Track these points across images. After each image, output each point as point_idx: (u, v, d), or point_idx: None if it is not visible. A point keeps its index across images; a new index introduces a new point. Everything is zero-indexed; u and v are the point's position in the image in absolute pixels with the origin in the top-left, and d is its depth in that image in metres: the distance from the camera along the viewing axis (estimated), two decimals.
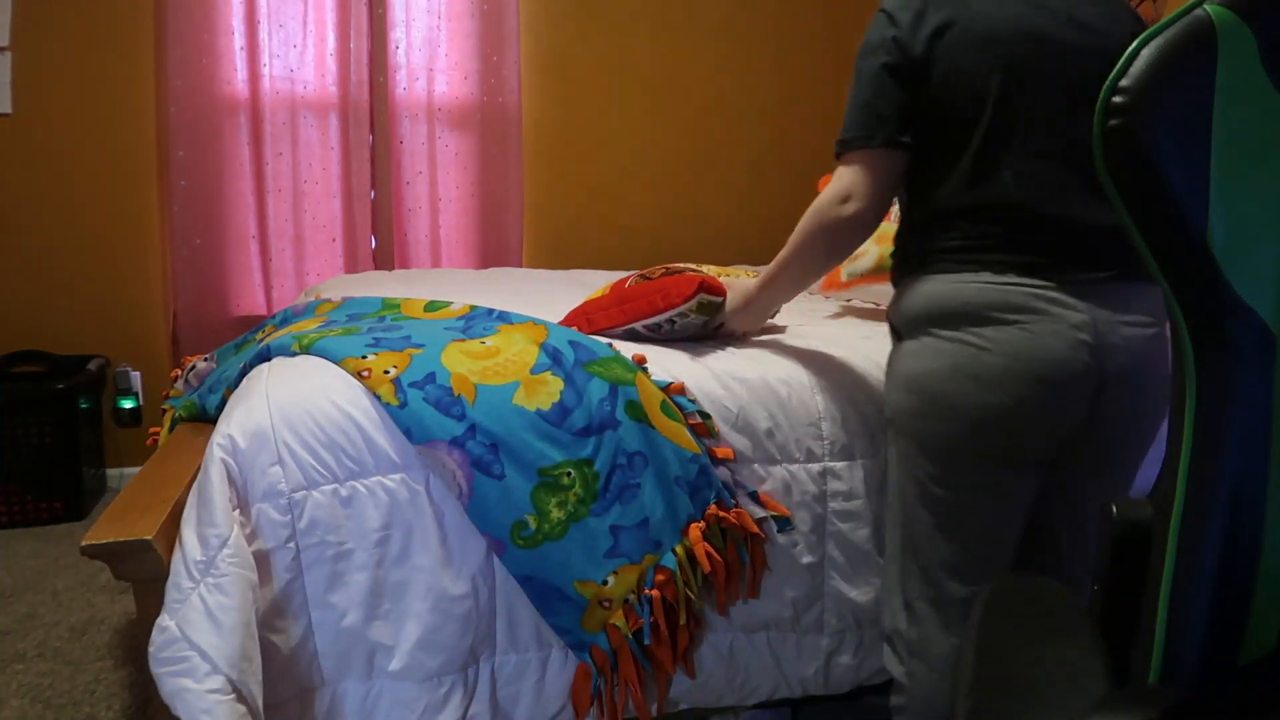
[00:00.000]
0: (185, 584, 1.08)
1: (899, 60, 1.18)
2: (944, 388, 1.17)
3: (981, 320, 1.14)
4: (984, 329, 1.14)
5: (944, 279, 1.19)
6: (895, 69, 1.18)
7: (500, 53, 3.08)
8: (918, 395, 1.20)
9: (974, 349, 1.14)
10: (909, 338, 1.23)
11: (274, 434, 1.20)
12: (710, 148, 3.50)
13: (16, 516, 2.57)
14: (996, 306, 1.13)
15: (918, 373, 1.20)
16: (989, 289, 1.15)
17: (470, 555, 1.25)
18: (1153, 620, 0.65)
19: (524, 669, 1.30)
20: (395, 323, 1.57)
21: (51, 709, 1.64)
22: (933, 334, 1.19)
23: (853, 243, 1.29)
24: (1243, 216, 0.61)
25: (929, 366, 1.19)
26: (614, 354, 1.39)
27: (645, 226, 3.45)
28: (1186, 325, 0.63)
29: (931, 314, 1.19)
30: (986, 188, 1.17)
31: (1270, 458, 0.63)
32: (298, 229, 2.94)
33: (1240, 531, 0.63)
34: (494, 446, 1.23)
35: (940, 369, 1.17)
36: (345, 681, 1.23)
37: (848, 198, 1.22)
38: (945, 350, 1.17)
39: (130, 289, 2.88)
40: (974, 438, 1.16)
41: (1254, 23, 0.60)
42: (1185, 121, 0.60)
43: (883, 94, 1.19)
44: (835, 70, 3.60)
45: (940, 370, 1.17)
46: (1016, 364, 1.12)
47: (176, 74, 2.73)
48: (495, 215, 3.16)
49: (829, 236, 1.27)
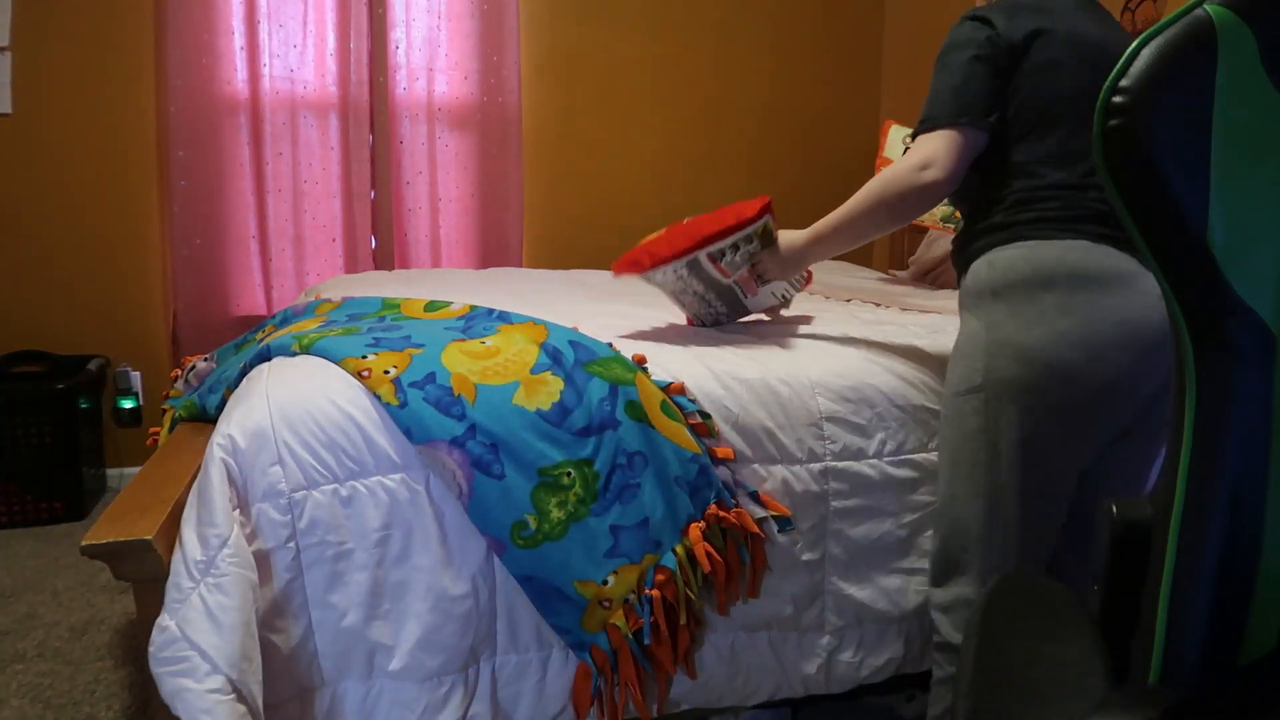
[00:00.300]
0: (185, 584, 1.08)
1: (992, 53, 1.31)
2: (1065, 356, 1.19)
3: (1087, 285, 1.18)
4: (1091, 294, 1.18)
5: (1045, 244, 1.24)
6: (988, 60, 1.31)
7: (500, 53, 3.08)
8: (1031, 364, 1.21)
9: (1088, 316, 1.18)
10: (1006, 304, 1.25)
11: (274, 434, 1.20)
12: (710, 148, 3.50)
13: (16, 516, 2.57)
14: (1099, 270, 1.19)
15: (1031, 342, 1.22)
16: (1093, 251, 1.20)
17: (470, 555, 1.25)
18: (1153, 620, 0.65)
19: (524, 669, 1.30)
20: (395, 323, 1.57)
21: (51, 709, 1.64)
22: (1039, 301, 1.21)
23: (920, 208, 1.36)
24: (1243, 216, 0.61)
25: (1045, 336, 1.21)
26: (614, 354, 1.39)
27: (645, 226, 3.42)
28: (1186, 325, 0.63)
29: (1039, 278, 1.22)
30: (1082, 166, 1.25)
31: (1270, 458, 0.63)
32: (298, 229, 2.94)
33: (1240, 531, 0.63)
34: (494, 446, 1.23)
35: (1058, 337, 1.19)
36: (345, 681, 1.23)
37: (927, 166, 1.30)
38: (1060, 317, 1.20)
39: (130, 289, 2.88)
40: (1091, 405, 1.20)
41: (1254, 23, 0.60)
42: (1185, 121, 0.60)
43: (973, 81, 1.31)
44: (835, 70, 3.61)
45: (1058, 339, 1.19)
46: (1124, 330, 1.17)
47: (176, 74, 2.73)
48: (495, 215, 3.16)
49: (900, 199, 1.34)
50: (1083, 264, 1.20)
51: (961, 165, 1.31)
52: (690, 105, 3.45)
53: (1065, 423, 1.22)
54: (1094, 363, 1.18)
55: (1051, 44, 1.30)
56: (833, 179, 3.67)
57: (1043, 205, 1.27)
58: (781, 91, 3.55)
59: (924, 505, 1.46)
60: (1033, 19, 1.32)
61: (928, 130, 1.33)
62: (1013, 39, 1.31)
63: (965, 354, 1.31)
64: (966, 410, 1.28)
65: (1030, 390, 1.21)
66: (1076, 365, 1.19)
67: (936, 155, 1.30)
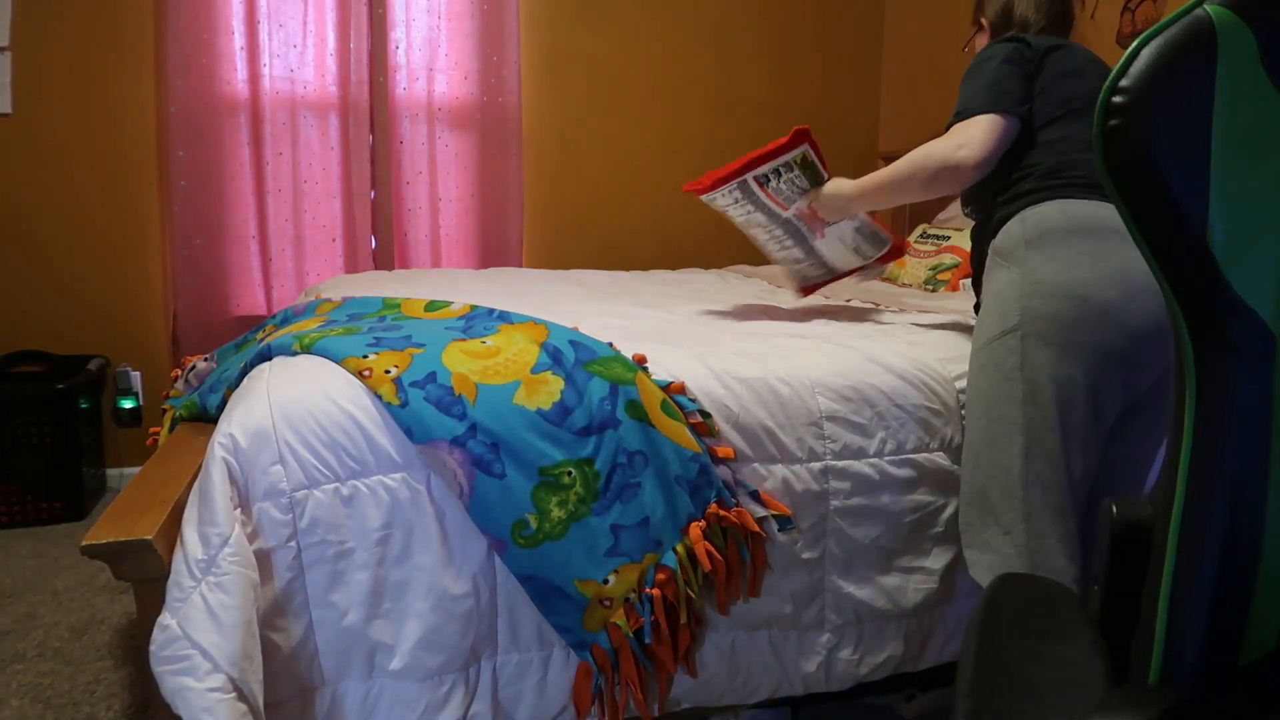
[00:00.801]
0: (187, 583, 1.08)
1: (1020, 58, 1.43)
2: (1104, 293, 1.22)
3: (1120, 237, 1.20)
4: (1124, 246, 1.20)
5: (1076, 202, 1.29)
6: (1017, 63, 1.43)
7: (500, 53, 3.08)
8: (1069, 300, 1.24)
9: (1123, 261, 1.21)
10: (1041, 251, 1.29)
11: (275, 433, 1.20)
12: (710, 147, 3.50)
13: (16, 516, 2.57)
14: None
15: (1070, 279, 1.24)
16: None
17: (471, 554, 1.25)
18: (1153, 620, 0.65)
19: (525, 668, 1.30)
20: (396, 322, 1.57)
21: (51, 709, 1.64)
22: (1075, 246, 1.25)
23: (952, 184, 1.45)
24: (1243, 216, 0.61)
25: (1084, 275, 1.23)
26: (614, 353, 1.39)
27: (645, 226, 3.45)
28: (1186, 325, 0.63)
29: (1073, 226, 1.27)
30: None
31: (1270, 458, 0.63)
32: (298, 229, 2.94)
33: (1240, 532, 0.63)
34: (495, 446, 1.23)
35: (1096, 277, 1.22)
36: (346, 680, 1.23)
37: (964, 145, 1.39)
38: (1097, 261, 1.23)
39: (130, 289, 2.88)
40: (1126, 346, 1.23)
41: (1254, 23, 0.60)
42: (1185, 121, 0.60)
43: (1004, 79, 1.41)
44: (834, 70, 3.61)
45: (1097, 278, 1.22)
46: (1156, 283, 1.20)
47: (176, 74, 2.73)
48: (495, 215, 3.16)
49: (933, 175, 1.44)
50: (1115, 219, 1.23)
51: (996, 150, 1.38)
52: (690, 105, 3.45)
53: (1101, 361, 1.24)
54: (1131, 301, 1.21)
55: (1073, 56, 1.45)
56: None
57: (1072, 174, 1.34)
58: (781, 91, 3.55)
59: (924, 505, 1.46)
60: (1055, 39, 1.47)
61: (963, 119, 1.41)
62: (1039, 48, 1.44)
63: (1000, 301, 1.33)
64: (1001, 352, 1.30)
65: (1069, 326, 1.24)
66: (1114, 303, 1.22)
67: (972, 137, 1.38)
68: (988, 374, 1.33)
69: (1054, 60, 1.43)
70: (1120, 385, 1.27)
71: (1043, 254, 1.28)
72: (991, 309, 1.35)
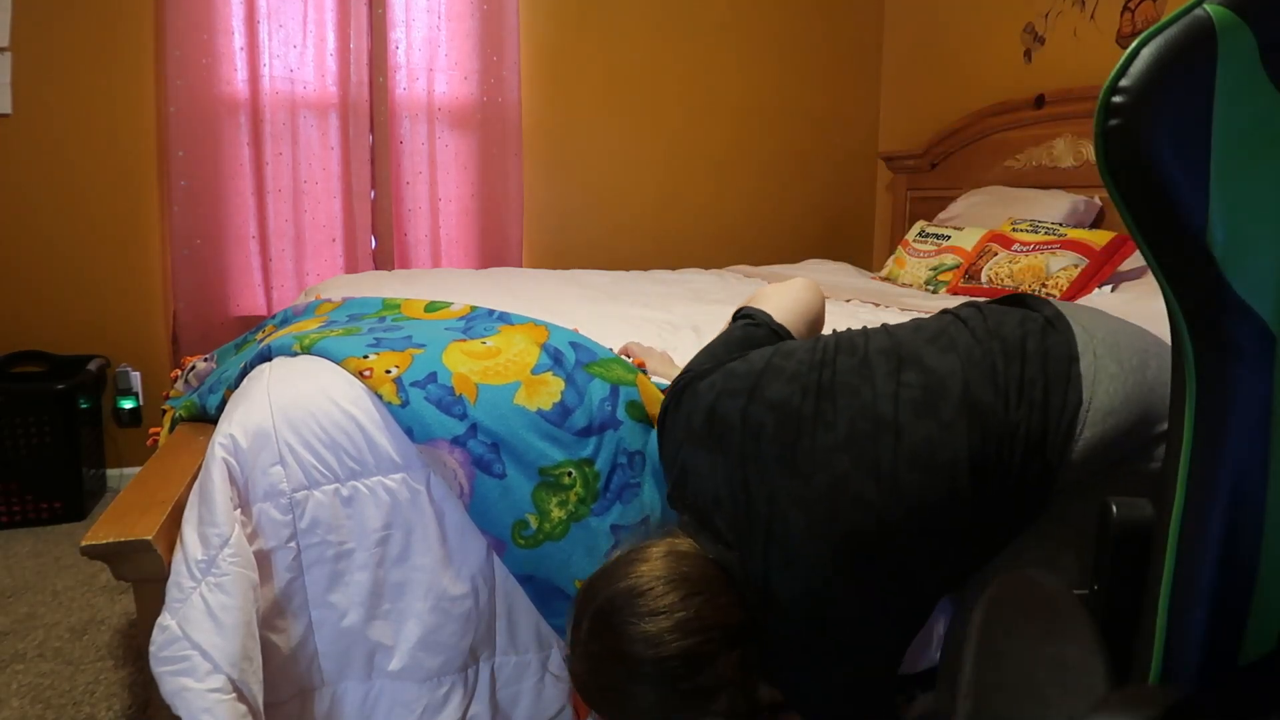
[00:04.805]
0: (186, 583, 1.08)
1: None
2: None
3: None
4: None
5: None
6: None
7: (500, 53, 3.08)
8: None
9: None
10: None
11: (275, 433, 1.20)
12: (710, 147, 3.51)
13: (16, 516, 2.57)
14: None
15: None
16: None
17: (470, 555, 1.25)
18: (1153, 620, 0.65)
19: (524, 669, 1.30)
20: (396, 323, 1.57)
21: (51, 709, 1.64)
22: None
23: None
24: (1243, 216, 0.61)
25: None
26: (614, 355, 1.40)
27: (645, 227, 3.46)
28: (1186, 325, 0.63)
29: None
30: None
31: (1270, 458, 0.63)
32: (298, 229, 2.94)
33: (1240, 531, 0.63)
34: (495, 446, 1.23)
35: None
36: (345, 681, 1.23)
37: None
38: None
39: (130, 289, 2.88)
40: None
41: (1254, 23, 0.60)
42: (1185, 121, 0.60)
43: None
44: (835, 70, 3.61)
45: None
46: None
47: (176, 74, 2.73)
48: (495, 215, 3.16)
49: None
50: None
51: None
52: (690, 105, 3.45)
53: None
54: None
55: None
56: (832, 178, 3.68)
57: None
58: (781, 91, 3.55)
59: None
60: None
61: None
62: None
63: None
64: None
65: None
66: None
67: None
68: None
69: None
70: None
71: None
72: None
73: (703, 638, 0.99)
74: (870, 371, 1.10)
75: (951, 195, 3.11)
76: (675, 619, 0.99)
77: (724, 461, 1.10)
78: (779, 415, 1.09)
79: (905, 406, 1.05)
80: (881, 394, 1.07)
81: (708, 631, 1.00)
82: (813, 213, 3.65)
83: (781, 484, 1.06)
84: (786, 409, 1.09)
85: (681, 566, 1.04)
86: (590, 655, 1.02)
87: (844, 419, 1.06)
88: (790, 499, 1.04)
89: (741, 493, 1.08)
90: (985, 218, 2.80)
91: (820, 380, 1.11)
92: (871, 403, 1.07)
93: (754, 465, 1.08)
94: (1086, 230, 2.39)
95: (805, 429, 1.07)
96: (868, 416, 1.06)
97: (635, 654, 0.98)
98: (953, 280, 2.60)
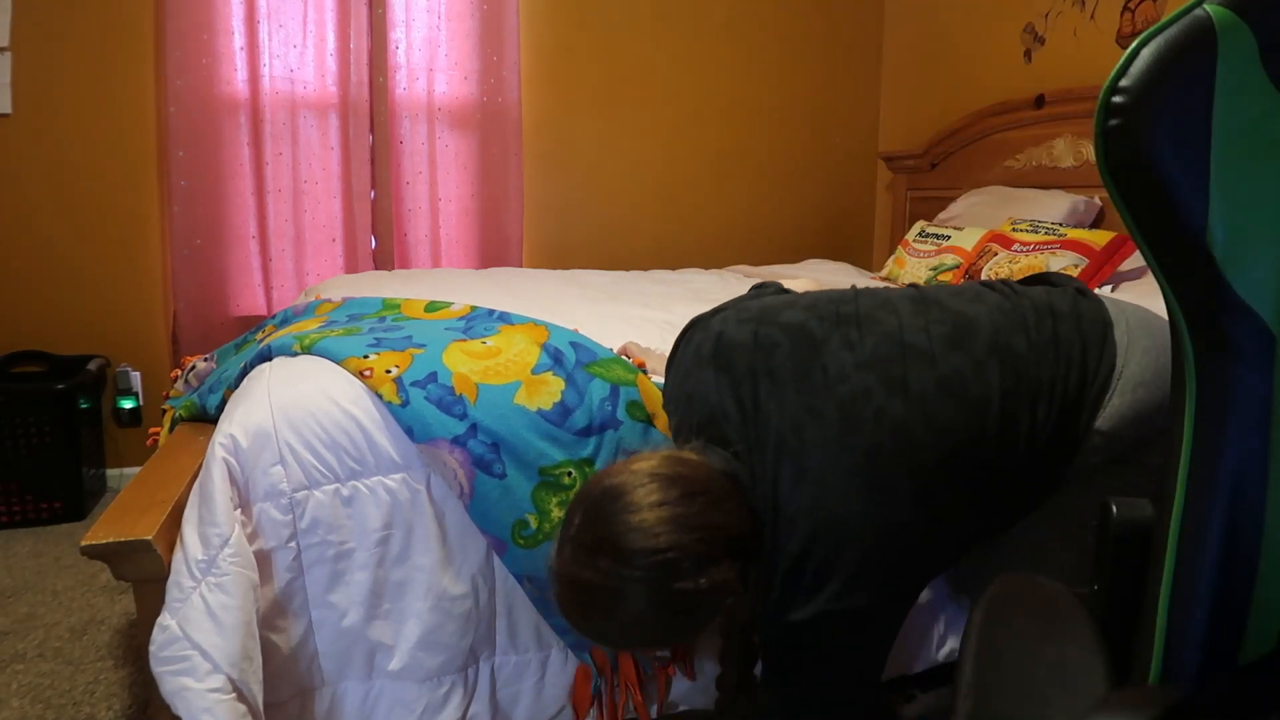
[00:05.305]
0: (186, 583, 1.08)
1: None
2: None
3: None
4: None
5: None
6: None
7: (500, 53, 3.08)
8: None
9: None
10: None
11: (276, 433, 1.20)
12: (709, 147, 3.51)
13: (16, 516, 2.56)
14: None
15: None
16: None
17: (470, 555, 1.25)
18: (1153, 620, 0.65)
19: (524, 669, 1.30)
20: (396, 323, 1.57)
21: (51, 709, 1.64)
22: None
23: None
24: (1243, 216, 0.61)
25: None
26: (614, 355, 1.40)
27: (645, 227, 3.46)
28: (1186, 325, 0.63)
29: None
30: None
31: (1270, 458, 0.63)
32: (298, 229, 2.94)
33: (1240, 532, 0.63)
34: (495, 446, 1.23)
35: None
36: (345, 681, 1.23)
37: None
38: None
39: (130, 289, 2.88)
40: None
41: (1254, 23, 0.60)
42: (1185, 121, 0.60)
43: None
44: (835, 70, 3.61)
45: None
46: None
47: (176, 74, 2.73)
48: (495, 215, 3.16)
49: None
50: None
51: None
52: (690, 105, 3.45)
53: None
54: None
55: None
56: (832, 178, 3.68)
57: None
58: (781, 91, 3.55)
59: None
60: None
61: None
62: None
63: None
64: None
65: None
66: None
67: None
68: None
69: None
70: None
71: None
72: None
73: (701, 535, 0.93)
74: (895, 309, 1.07)
75: (951, 195, 3.11)
76: (674, 512, 0.93)
77: (732, 378, 1.05)
78: (795, 336, 1.05)
79: (936, 339, 1.02)
80: (909, 326, 1.04)
81: (707, 531, 0.93)
82: (813, 213, 3.65)
83: (796, 398, 1.00)
84: (804, 331, 1.05)
85: (684, 469, 0.98)
86: (580, 548, 0.95)
87: (869, 342, 1.02)
88: (806, 411, 0.99)
89: (751, 405, 1.02)
90: (985, 218, 2.79)
91: (840, 311, 1.07)
92: (898, 330, 1.03)
93: (767, 380, 1.03)
94: (1086, 230, 2.39)
95: (825, 349, 1.02)
96: (895, 342, 1.02)
97: (629, 544, 0.92)
98: (953, 280, 2.60)
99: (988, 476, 1.01)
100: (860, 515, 0.97)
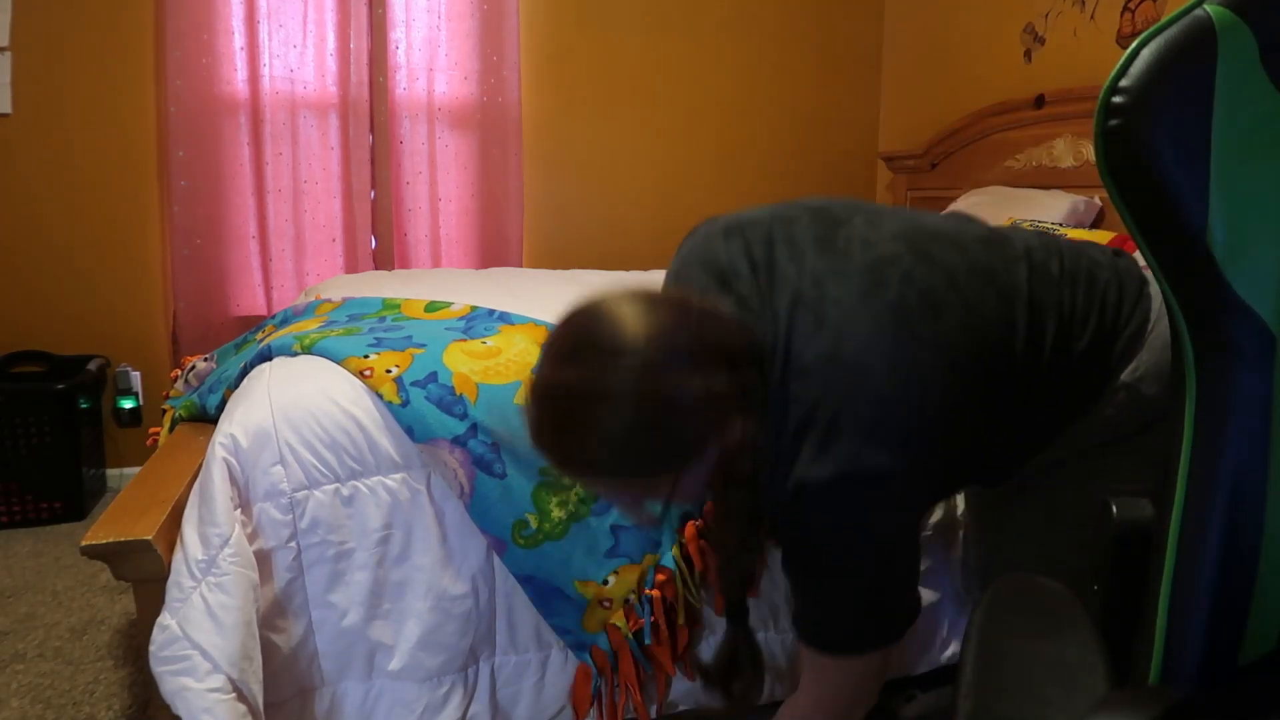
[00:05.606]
0: (186, 583, 1.08)
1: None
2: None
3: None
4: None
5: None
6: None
7: (500, 53, 3.08)
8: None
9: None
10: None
11: (276, 433, 1.20)
12: (709, 147, 3.50)
13: (16, 516, 2.56)
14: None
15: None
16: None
17: (470, 555, 1.25)
18: (1153, 620, 0.65)
19: (524, 669, 1.30)
20: (396, 323, 1.57)
21: (52, 709, 1.64)
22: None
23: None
24: (1243, 216, 0.61)
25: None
26: None
27: (645, 226, 3.45)
28: (1186, 325, 0.63)
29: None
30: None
31: (1270, 458, 0.63)
32: (298, 229, 2.93)
33: (1240, 532, 0.63)
34: (496, 445, 1.23)
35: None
36: (345, 681, 1.23)
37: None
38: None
39: (130, 289, 2.88)
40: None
41: (1254, 23, 0.60)
42: (1185, 121, 0.60)
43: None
44: (835, 70, 3.60)
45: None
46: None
47: (176, 74, 2.73)
48: (495, 215, 3.16)
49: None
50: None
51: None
52: (690, 105, 3.45)
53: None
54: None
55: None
56: (832, 178, 3.67)
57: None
58: (781, 91, 3.55)
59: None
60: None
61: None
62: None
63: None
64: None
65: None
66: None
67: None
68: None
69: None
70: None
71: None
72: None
73: (695, 339, 0.84)
74: (926, 213, 1.08)
75: (951, 195, 3.11)
76: (665, 318, 0.84)
77: (745, 241, 0.99)
78: (815, 213, 1.02)
79: (968, 237, 1.00)
80: (940, 221, 1.03)
81: (702, 338, 0.85)
82: None
83: (818, 260, 0.95)
84: (824, 211, 1.02)
85: (688, 299, 0.91)
86: (560, 355, 0.85)
87: (894, 225, 0.99)
88: (828, 271, 0.94)
89: (765, 265, 0.96)
90: (985, 218, 2.79)
91: (860, 203, 1.06)
92: (928, 221, 1.02)
93: (785, 245, 0.97)
94: (1086, 230, 2.39)
95: (849, 224, 0.99)
96: (925, 229, 0.99)
97: (615, 338, 0.82)
98: None
99: (1012, 377, 0.96)
100: (883, 366, 0.90)
